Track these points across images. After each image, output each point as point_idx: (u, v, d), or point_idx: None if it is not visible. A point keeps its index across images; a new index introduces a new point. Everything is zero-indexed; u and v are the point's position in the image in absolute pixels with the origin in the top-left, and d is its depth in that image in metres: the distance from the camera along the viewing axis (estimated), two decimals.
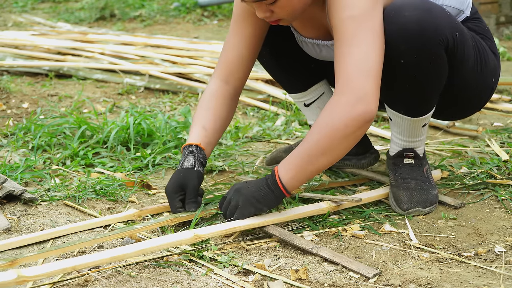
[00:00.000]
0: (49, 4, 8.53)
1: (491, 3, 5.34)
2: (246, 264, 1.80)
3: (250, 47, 2.18)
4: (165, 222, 1.99)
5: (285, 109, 3.39)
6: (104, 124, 2.93)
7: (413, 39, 1.93)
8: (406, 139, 2.20)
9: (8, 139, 2.94)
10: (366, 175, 2.44)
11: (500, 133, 2.97)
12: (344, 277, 1.76)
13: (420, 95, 2.07)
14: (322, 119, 1.91)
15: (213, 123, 2.17)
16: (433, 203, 2.17)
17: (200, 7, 7.44)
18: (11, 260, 1.71)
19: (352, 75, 1.87)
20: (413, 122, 2.14)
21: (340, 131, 1.87)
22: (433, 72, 2.00)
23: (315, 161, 1.91)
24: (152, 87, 4.03)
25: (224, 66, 2.21)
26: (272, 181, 1.96)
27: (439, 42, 1.95)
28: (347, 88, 1.87)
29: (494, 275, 1.75)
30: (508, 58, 4.56)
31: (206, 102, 2.20)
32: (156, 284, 1.71)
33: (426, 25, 1.93)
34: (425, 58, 1.96)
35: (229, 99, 2.21)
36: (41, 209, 2.19)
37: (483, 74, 2.15)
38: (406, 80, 2.02)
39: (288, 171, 1.94)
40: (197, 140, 2.14)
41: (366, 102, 1.86)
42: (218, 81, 2.21)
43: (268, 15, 1.96)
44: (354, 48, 1.88)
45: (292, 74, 2.40)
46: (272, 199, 1.96)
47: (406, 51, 1.95)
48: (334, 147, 1.90)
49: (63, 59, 4.54)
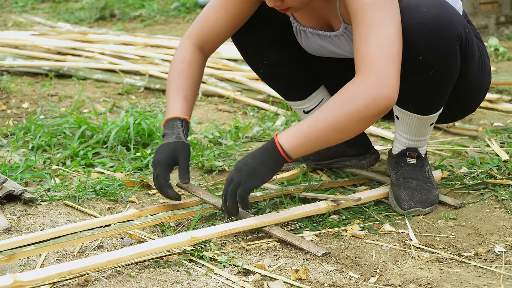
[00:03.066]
0: (49, 4, 8.53)
1: (491, 3, 5.34)
2: (246, 264, 1.80)
3: (229, 27, 2.18)
4: (163, 219, 1.99)
5: (285, 109, 3.39)
6: (104, 124, 2.93)
7: (433, 35, 1.94)
8: (412, 138, 2.20)
9: (8, 139, 2.94)
10: (366, 175, 2.44)
11: (500, 133, 2.97)
12: (344, 277, 1.76)
13: (433, 92, 2.07)
14: (342, 96, 1.86)
15: (192, 92, 2.16)
16: (433, 203, 2.17)
17: (200, 7, 7.45)
18: (9, 255, 1.71)
19: (376, 58, 1.83)
20: (422, 120, 2.14)
21: (360, 112, 1.83)
22: (449, 69, 2.01)
23: (325, 135, 1.87)
24: (152, 87, 4.03)
25: (202, 34, 2.19)
26: (272, 148, 1.91)
27: (456, 38, 1.97)
28: (371, 71, 1.83)
29: (494, 275, 1.75)
30: (508, 58, 4.56)
31: (185, 69, 2.18)
32: (156, 284, 1.71)
33: (444, 21, 1.95)
34: (444, 54, 1.97)
35: (202, 67, 2.21)
36: (41, 209, 2.19)
37: (483, 73, 2.16)
38: (422, 77, 2.02)
39: (293, 138, 1.89)
40: (182, 113, 2.13)
41: (389, 87, 1.83)
42: (193, 46, 2.20)
43: (278, 4, 1.93)
44: (379, 32, 1.85)
45: (291, 84, 2.38)
46: (270, 166, 1.92)
47: (425, 47, 1.95)
48: (349, 126, 1.86)
49: (63, 59, 4.54)
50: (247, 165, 1.93)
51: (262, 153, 1.93)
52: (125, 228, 1.93)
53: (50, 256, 1.87)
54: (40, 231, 1.98)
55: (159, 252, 1.81)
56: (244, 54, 2.33)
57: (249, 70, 3.85)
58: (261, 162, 1.92)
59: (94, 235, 1.87)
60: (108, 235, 1.91)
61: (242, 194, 1.92)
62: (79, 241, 1.85)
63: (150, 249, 1.77)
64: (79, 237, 1.84)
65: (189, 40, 2.21)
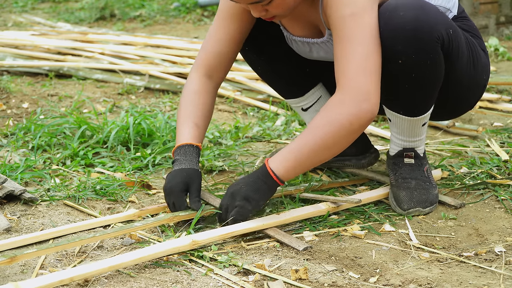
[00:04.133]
0: (49, 4, 8.53)
1: (491, 3, 5.34)
2: (246, 264, 1.80)
3: (233, 43, 2.19)
4: (164, 221, 1.99)
5: (285, 109, 3.39)
6: (104, 124, 2.93)
7: (411, 38, 1.94)
8: (406, 139, 2.20)
9: (8, 139, 2.94)
10: (366, 175, 2.44)
11: (500, 133, 2.97)
12: (344, 277, 1.76)
13: (419, 94, 2.06)
14: (327, 116, 1.93)
15: (204, 120, 2.18)
16: (433, 203, 2.17)
17: (200, 7, 7.45)
18: (10, 257, 1.71)
19: (355, 74, 1.90)
20: (413, 121, 2.14)
21: (346, 129, 1.91)
22: (431, 70, 2.00)
23: (315, 156, 1.95)
24: (152, 87, 4.03)
25: (207, 61, 2.21)
26: (264, 174, 1.97)
27: (435, 40, 1.96)
28: (351, 87, 1.90)
29: (494, 275, 1.75)
30: (508, 58, 4.55)
31: (194, 99, 2.19)
32: (156, 284, 1.71)
33: (422, 24, 1.93)
34: (423, 56, 1.96)
35: (213, 95, 2.22)
36: (41, 209, 2.19)
37: (476, 71, 2.15)
38: (404, 80, 2.01)
39: (285, 163, 1.96)
40: (194, 139, 2.14)
41: (370, 101, 1.90)
42: (201, 77, 2.21)
43: (263, 14, 1.98)
44: (356, 47, 1.90)
45: (288, 81, 2.39)
46: (265, 191, 1.98)
47: (404, 51, 1.95)
48: (337, 143, 1.94)
49: (63, 59, 4.54)
50: (240, 192, 1.98)
51: (256, 180, 1.99)
52: (125, 230, 1.93)
53: (50, 256, 1.87)
54: (40, 231, 1.98)
55: (161, 256, 1.81)
56: (242, 51, 2.33)
57: (249, 70, 3.85)
58: (255, 190, 1.98)
59: (95, 237, 1.87)
60: (109, 237, 1.90)
61: (238, 219, 1.97)
62: (79, 243, 1.85)
63: (151, 253, 1.78)
64: (80, 239, 1.84)
65: (196, 71, 2.22)
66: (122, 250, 1.92)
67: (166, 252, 1.80)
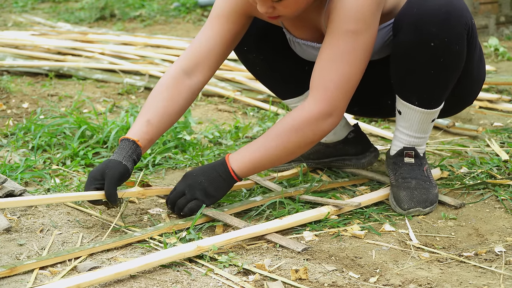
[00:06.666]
0: (49, 4, 8.53)
1: (491, 3, 5.34)
2: (246, 264, 1.80)
3: (224, 44, 2.13)
4: (163, 230, 1.99)
5: (285, 109, 3.39)
6: (104, 124, 2.93)
7: (445, 22, 1.98)
8: (413, 134, 2.20)
9: (8, 139, 2.94)
10: (366, 175, 2.44)
11: (500, 133, 2.97)
12: (344, 277, 1.76)
13: (440, 82, 2.09)
14: (292, 122, 2.01)
15: (160, 118, 2.09)
16: (433, 202, 2.17)
17: (200, 7, 7.44)
18: (10, 268, 1.72)
19: (332, 89, 1.98)
20: (425, 115, 2.15)
21: (308, 138, 2.02)
22: (457, 57, 2.04)
23: (274, 160, 2.06)
24: (152, 87, 4.03)
25: (191, 57, 2.13)
26: (225, 172, 2.05)
27: (464, 27, 2.01)
28: (324, 100, 1.99)
29: (494, 275, 1.76)
30: (508, 58, 4.55)
31: (159, 93, 2.11)
32: (156, 284, 1.71)
33: (455, 8, 1.99)
34: (454, 40, 2.00)
35: (186, 94, 2.12)
36: (41, 209, 2.19)
37: (482, 64, 2.22)
38: (431, 65, 2.04)
39: (244, 162, 2.05)
40: (137, 136, 2.07)
41: (337, 116, 2.01)
42: (179, 71, 2.12)
43: (270, 10, 1.96)
44: (344, 65, 1.97)
45: (287, 80, 2.39)
46: (224, 188, 2.08)
47: (438, 33, 1.98)
48: (297, 150, 2.05)
49: (63, 59, 4.54)
50: (200, 186, 2.04)
51: (217, 177, 2.05)
52: (124, 241, 1.93)
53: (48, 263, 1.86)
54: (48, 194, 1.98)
55: (167, 262, 1.80)
56: (240, 53, 2.33)
57: None
58: (216, 188, 2.05)
59: (95, 247, 1.88)
60: (109, 247, 1.91)
61: (194, 208, 2.03)
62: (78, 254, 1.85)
63: (157, 260, 1.77)
64: (79, 250, 1.86)
65: (175, 65, 2.15)
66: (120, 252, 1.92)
67: (171, 258, 1.80)
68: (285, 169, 2.50)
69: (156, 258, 1.77)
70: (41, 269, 1.79)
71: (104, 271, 1.69)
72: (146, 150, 2.13)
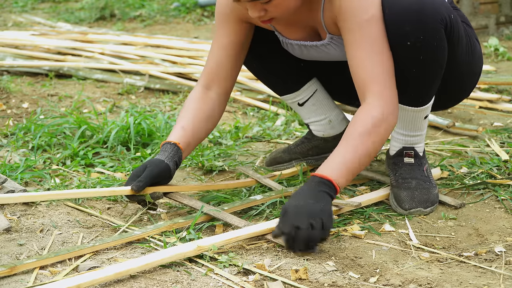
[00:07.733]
0: (49, 4, 8.53)
1: (491, 3, 5.34)
2: (246, 264, 1.80)
3: (229, 54, 2.24)
4: (163, 228, 1.99)
5: (285, 109, 3.39)
6: (104, 124, 2.93)
7: (417, 19, 1.97)
8: (407, 133, 2.20)
9: (8, 139, 2.94)
10: (366, 175, 2.44)
11: (500, 133, 2.97)
12: (344, 277, 1.76)
13: (425, 80, 2.08)
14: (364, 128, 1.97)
15: (192, 124, 2.21)
16: (434, 202, 2.17)
17: (200, 7, 7.44)
18: (10, 267, 1.72)
19: (384, 88, 2.00)
20: (415, 113, 2.15)
21: (382, 136, 1.99)
22: (437, 53, 2.03)
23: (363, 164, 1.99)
24: (152, 87, 4.03)
25: (207, 73, 2.27)
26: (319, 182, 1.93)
27: (439, 21, 2.00)
28: (382, 103, 1.99)
29: (494, 275, 1.76)
30: (508, 58, 4.55)
31: (187, 105, 2.26)
32: (156, 284, 1.71)
33: (426, 5, 1.98)
34: (430, 37, 1.99)
35: (211, 104, 2.25)
36: (41, 209, 2.19)
37: (473, 57, 2.21)
38: (412, 64, 2.04)
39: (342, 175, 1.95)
40: (176, 139, 2.17)
41: (396, 114, 2.02)
42: (200, 87, 2.27)
43: (262, 14, 1.98)
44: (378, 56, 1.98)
45: (283, 76, 2.40)
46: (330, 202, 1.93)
47: (412, 32, 1.98)
48: (376, 150, 2.00)
49: (63, 59, 4.54)
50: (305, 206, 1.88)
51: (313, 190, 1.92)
52: (126, 239, 1.93)
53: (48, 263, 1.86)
54: None
55: (167, 262, 1.80)
56: None
57: None
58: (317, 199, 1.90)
59: (94, 246, 1.88)
60: (109, 245, 1.91)
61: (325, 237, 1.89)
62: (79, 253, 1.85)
63: (157, 259, 1.77)
64: (79, 248, 1.86)
65: (198, 82, 2.30)
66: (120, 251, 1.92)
67: (171, 258, 1.80)
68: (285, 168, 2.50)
69: (156, 258, 1.77)
70: (41, 269, 1.79)
71: (104, 271, 1.69)
72: (186, 154, 2.21)
